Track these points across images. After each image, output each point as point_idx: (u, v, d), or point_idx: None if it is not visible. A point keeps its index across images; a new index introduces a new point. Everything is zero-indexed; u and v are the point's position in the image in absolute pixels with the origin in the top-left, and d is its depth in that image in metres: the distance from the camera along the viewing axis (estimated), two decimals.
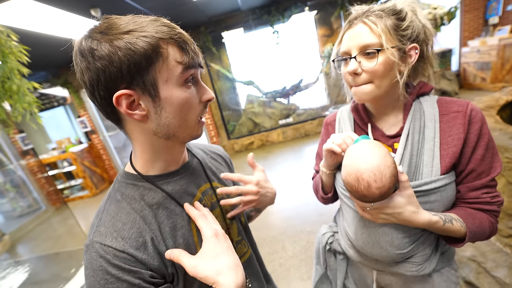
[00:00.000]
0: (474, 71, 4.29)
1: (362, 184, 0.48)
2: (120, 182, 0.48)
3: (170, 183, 0.49)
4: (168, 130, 0.43)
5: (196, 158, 0.59)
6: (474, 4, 4.26)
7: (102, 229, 0.42)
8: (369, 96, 0.57)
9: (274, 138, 4.86)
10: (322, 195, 0.76)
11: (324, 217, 2.24)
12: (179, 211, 0.48)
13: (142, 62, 0.37)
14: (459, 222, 0.53)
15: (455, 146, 0.53)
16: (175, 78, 0.40)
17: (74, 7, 2.34)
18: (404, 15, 0.54)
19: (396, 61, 0.52)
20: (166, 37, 0.39)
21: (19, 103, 1.12)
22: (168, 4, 2.88)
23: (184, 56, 0.40)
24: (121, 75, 0.37)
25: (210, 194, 0.56)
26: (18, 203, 3.64)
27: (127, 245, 0.40)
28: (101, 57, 0.37)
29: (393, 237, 0.59)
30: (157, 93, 0.40)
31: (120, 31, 0.37)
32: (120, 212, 0.44)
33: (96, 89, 0.39)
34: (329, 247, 0.80)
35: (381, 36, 0.51)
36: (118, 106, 0.40)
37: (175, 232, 0.46)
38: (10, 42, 1.11)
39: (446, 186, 0.54)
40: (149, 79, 0.39)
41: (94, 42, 0.37)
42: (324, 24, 4.50)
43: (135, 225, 0.43)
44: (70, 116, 5.20)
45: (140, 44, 0.37)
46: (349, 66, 0.56)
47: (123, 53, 0.36)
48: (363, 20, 0.54)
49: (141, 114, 0.41)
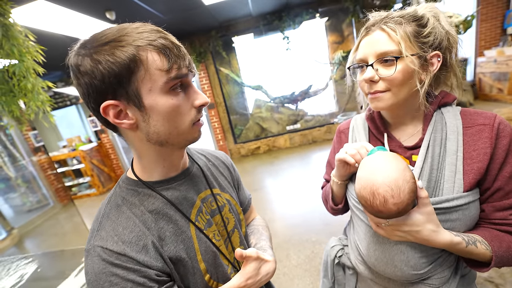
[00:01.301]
0: (491, 82, 4.15)
1: (378, 199, 0.45)
2: (122, 187, 0.48)
3: (170, 189, 0.49)
4: (159, 137, 0.43)
5: (196, 164, 0.58)
6: (491, 13, 4.16)
7: (103, 233, 0.42)
8: (385, 104, 0.54)
9: (281, 143, 4.82)
10: (332, 206, 0.73)
11: (330, 227, 2.18)
12: (179, 217, 0.48)
13: (122, 73, 0.37)
14: (483, 244, 0.49)
15: (481, 161, 0.49)
16: (158, 86, 0.39)
17: (90, 10, 2.41)
18: (425, 21, 0.51)
19: (416, 69, 0.49)
20: (144, 44, 0.38)
21: (33, 101, 1.14)
22: (181, 7, 2.93)
23: (167, 63, 0.39)
24: (105, 88, 0.38)
25: (210, 201, 0.55)
26: (28, 198, 3.72)
27: (128, 248, 0.40)
28: (85, 73, 0.37)
29: (409, 256, 0.54)
30: (141, 103, 0.40)
31: (99, 43, 0.37)
32: (120, 216, 0.44)
33: (89, 102, 0.40)
34: (338, 261, 0.76)
35: (400, 43, 0.49)
36: (106, 116, 0.40)
37: (176, 237, 0.46)
38: (28, 42, 1.14)
39: (469, 204, 0.50)
40: (132, 89, 0.39)
41: (79, 58, 0.38)
42: (335, 31, 4.48)
43: (135, 229, 0.43)
44: (82, 115, 5.33)
45: (118, 55, 0.37)
46: (365, 73, 0.53)
47: (103, 66, 0.37)
48: (381, 27, 0.51)
49: (129, 123, 0.41)
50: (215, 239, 0.52)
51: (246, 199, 0.72)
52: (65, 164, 4.69)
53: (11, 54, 1.02)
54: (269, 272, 0.51)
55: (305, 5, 4.00)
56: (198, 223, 0.50)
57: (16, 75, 1.09)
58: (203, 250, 0.49)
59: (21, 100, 1.17)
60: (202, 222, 0.51)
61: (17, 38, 1.04)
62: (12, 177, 3.57)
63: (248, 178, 3.72)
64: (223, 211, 0.57)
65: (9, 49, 1.01)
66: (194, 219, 0.50)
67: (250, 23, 4.17)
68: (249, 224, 0.73)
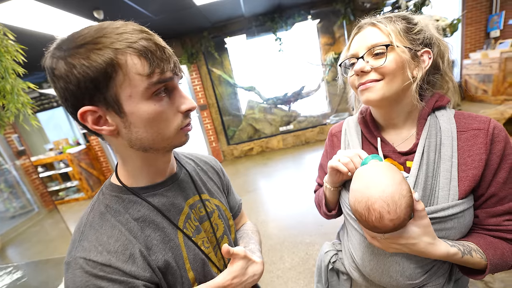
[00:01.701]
0: (476, 83, 4.29)
1: (373, 215, 0.43)
2: (105, 194, 0.45)
3: (156, 196, 0.47)
4: (142, 143, 0.41)
5: (184, 169, 0.55)
6: (476, 17, 4.30)
7: (86, 244, 0.39)
8: (377, 95, 0.51)
9: (274, 144, 4.82)
10: (326, 211, 0.71)
11: (323, 229, 2.18)
12: (166, 224, 0.46)
13: (99, 78, 0.35)
14: (478, 253, 0.48)
15: (476, 168, 0.48)
16: (139, 92, 0.37)
17: (77, 9, 2.33)
18: (415, 21, 0.52)
19: (408, 58, 0.50)
20: (123, 46, 0.35)
21: (12, 103, 1.08)
22: (172, 8, 2.89)
23: (148, 67, 0.36)
24: (80, 93, 0.35)
25: (198, 207, 0.53)
26: (11, 203, 3.56)
27: (114, 259, 0.38)
28: (60, 77, 0.35)
29: (405, 267, 0.54)
30: (121, 109, 0.37)
31: (74, 45, 0.35)
32: (104, 225, 0.41)
33: (67, 106, 0.38)
34: (332, 266, 0.75)
35: (390, 35, 0.49)
36: (84, 122, 0.38)
37: (164, 245, 0.44)
38: (7, 41, 1.08)
39: (464, 212, 0.49)
40: (111, 95, 0.36)
41: (53, 61, 0.36)
42: (327, 32, 4.52)
43: (121, 237, 0.40)
44: (70, 117, 5.15)
45: (93, 59, 0.34)
46: (356, 65, 0.53)
47: (77, 70, 0.34)
48: (372, 22, 0.53)
49: (110, 130, 0.39)
50: (204, 246, 0.51)
51: (236, 204, 0.70)
52: (51, 167, 4.53)
53: None
54: (256, 273, 0.48)
55: (297, 7, 4.01)
56: (186, 230, 0.48)
57: None
58: (191, 258, 0.47)
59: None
60: (191, 229, 0.49)
61: None
62: None
63: (241, 180, 3.69)
64: (212, 217, 0.55)
65: None
66: (182, 226, 0.48)
67: (242, 24, 4.15)
68: (239, 229, 0.71)
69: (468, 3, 4.23)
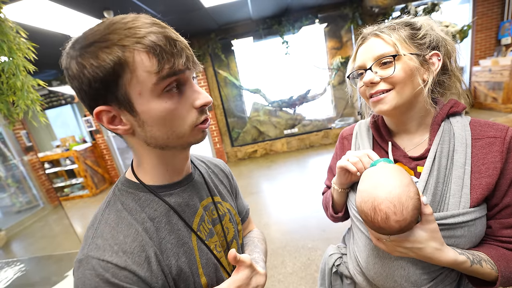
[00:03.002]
0: (485, 91, 4.21)
1: (379, 215, 0.42)
2: (121, 190, 0.44)
3: (173, 195, 0.45)
4: (157, 142, 0.40)
5: (198, 170, 0.55)
6: (486, 24, 4.24)
7: (100, 242, 0.37)
8: (389, 106, 0.51)
9: (278, 147, 4.80)
10: (332, 213, 0.71)
11: (327, 233, 2.15)
12: (181, 226, 0.44)
13: (108, 78, 0.34)
14: (489, 264, 0.47)
15: (490, 176, 0.47)
16: (149, 90, 0.36)
17: (88, 9, 2.38)
18: (419, 25, 0.52)
19: (416, 66, 0.49)
20: (131, 43, 0.34)
21: (22, 100, 1.10)
22: (180, 9, 2.92)
23: (157, 64, 0.34)
24: (93, 93, 0.36)
25: (211, 209, 0.52)
26: (18, 198, 3.62)
27: (130, 260, 0.36)
28: (74, 77, 0.36)
29: (410, 272, 0.52)
30: (133, 108, 0.37)
31: (85, 43, 0.34)
32: (121, 222, 0.39)
33: (85, 105, 0.38)
34: (336, 270, 0.74)
35: (395, 45, 0.49)
36: (99, 121, 0.38)
37: (177, 249, 0.42)
38: (19, 39, 1.10)
39: (475, 221, 0.47)
40: (121, 94, 0.36)
41: (67, 61, 0.36)
42: (334, 37, 4.52)
43: (137, 237, 0.38)
44: (77, 114, 5.25)
45: (102, 58, 0.34)
46: (365, 77, 0.53)
47: (87, 71, 0.34)
48: (375, 33, 0.53)
49: (124, 129, 0.39)
50: (216, 250, 0.49)
51: (244, 209, 0.70)
52: (58, 164, 4.60)
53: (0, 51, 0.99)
54: (259, 285, 0.46)
55: (305, 11, 4.02)
56: (200, 233, 0.47)
57: (5, 73, 1.05)
58: (204, 263, 0.45)
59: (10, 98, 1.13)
60: (204, 232, 0.48)
61: (7, 34, 1.01)
62: (1, 176, 3.48)
63: (245, 182, 3.68)
64: (223, 220, 0.54)
65: None
66: (196, 229, 0.46)
67: (249, 26, 4.18)
68: (246, 235, 0.70)
69: (478, 9, 4.17)
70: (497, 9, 4.15)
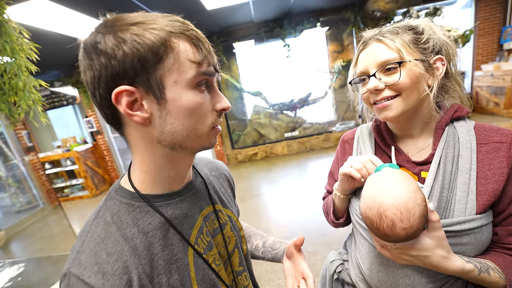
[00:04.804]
0: (487, 95, 4.20)
1: (385, 222, 0.41)
2: (113, 199, 0.41)
3: (171, 206, 0.42)
4: (173, 138, 0.38)
5: (200, 177, 0.52)
6: (488, 28, 4.24)
7: (83, 258, 0.35)
8: (395, 113, 0.50)
9: (278, 150, 4.79)
10: (333, 219, 0.69)
11: (327, 238, 2.13)
12: (176, 240, 0.41)
13: (149, 57, 0.33)
14: (497, 272, 0.46)
15: (496, 182, 0.46)
16: (186, 79, 0.35)
17: (91, 10, 2.40)
18: (421, 29, 0.51)
19: (422, 72, 0.48)
20: (178, 31, 0.34)
21: (23, 100, 1.10)
22: (182, 11, 2.92)
23: (198, 55, 0.36)
24: (123, 71, 0.33)
25: (212, 218, 0.49)
26: (18, 198, 3.62)
27: (108, 283, 0.34)
28: (103, 51, 0.33)
29: (415, 281, 0.51)
30: (163, 95, 0.35)
31: (126, 23, 0.33)
32: (106, 238, 0.37)
33: (97, 87, 0.35)
34: (337, 276, 0.72)
35: (400, 50, 0.48)
36: (117, 104, 0.35)
37: (170, 266, 0.40)
38: (22, 39, 1.11)
39: (482, 228, 0.46)
40: (155, 78, 0.34)
41: (98, 36, 0.34)
42: (336, 40, 4.53)
43: (121, 257, 0.36)
44: (78, 115, 5.27)
45: (147, 36, 0.33)
46: (369, 83, 0.51)
47: (128, 46, 0.32)
48: (378, 38, 0.51)
49: (143, 117, 0.36)
50: (215, 263, 0.47)
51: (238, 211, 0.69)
52: (58, 164, 4.60)
53: (3, 51, 0.99)
54: None
55: (307, 14, 4.04)
56: (198, 246, 0.44)
57: (8, 73, 1.05)
58: (200, 279, 0.42)
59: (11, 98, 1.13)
60: (202, 245, 0.45)
61: (10, 34, 1.01)
62: (2, 176, 3.48)
63: (245, 184, 3.67)
64: (224, 229, 0.52)
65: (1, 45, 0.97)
66: (194, 242, 0.44)
67: (251, 29, 4.19)
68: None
69: (481, 14, 4.18)
70: (499, 14, 4.16)
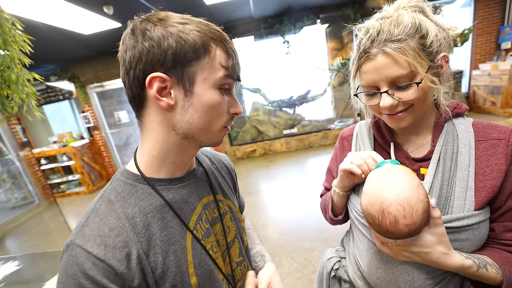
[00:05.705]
0: (484, 95, 4.23)
1: (387, 219, 0.41)
2: (118, 181, 0.44)
3: (172, 190, 0.45)
4: (189, 129, 0.42)
5: (202, 167, 0.54)
6: (487, 28, 4.25)
7: (86, 231, 0.38)
8: (408, 123, 0.50)
9: (277, 147, 4.79)
10: (331, 216, 0.69)
11: (324, 235, 2.14)
12: (175, 224, 0.44)
13: (188, 54, 0.38)
14: (494, 268, 0.46)
15: (494, 178, 0.46)
16: (213, 79, 0.41)
17: (87, 3, 2.35)
18: (425, 31, 0.45)
19: (434, 79, 0.46)
20: (217, 38, 0.40)
21: (16, 94, 1.07)
22: (181, 6, 2.90)
23: (229, 62, 0.41)
24: (163, 60, 0.38)
25: (212, 207, 0.51)
26: (13, 194, 3.58)
27: (110, 254, 0.37)
28: (151, 38, 0.37)
29: (415, 277, 0.51)
30: (191, 88, 0.40)
31: (176, 21, 0.39)
32: (109, 214, 0.40)
33: (134, 67, 0.39)
34: (334, 274, 0.72)
35: (413, 66, 0.44)
36: (149, 87, 0.39)
37: (167, 247, 0.42)
38: (15, 31, 1.08)
39: (480, 224, 0.46)
40: (189, 72, 0.39)
41: (149, 24, 0.38)
42: (335, 37, 4.51)
43: (122, 232, 0.39)
44: (75, 110, 5.21)
45: (192, 36, 0.38)
46: (384, 101, 0.47)
47: (173, 39, 0.37)
48: (383, 50, 0.45)
49: (168, 103, 0.40)
50: (213, 250, 0.48)
51: (242, 205, 0.71)
52: (54, 160, 4.56)
53: None
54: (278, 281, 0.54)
55: (307, 11, 4.01)
56: (197, 232, 0.46)
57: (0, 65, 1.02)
58: (197, 263, 0.45)
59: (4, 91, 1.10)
60: (201, 231, 0.47)
61: (2, 25, 0.98)
62: None
63: (243, 181, 3.67)
64: (224, 219, 0.54)
65: None
66: (193, 227, 0.46)
67: (251, 25, 4.16)
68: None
69: (479, 13, 4.19)
70: (497, 14, 4.17)
